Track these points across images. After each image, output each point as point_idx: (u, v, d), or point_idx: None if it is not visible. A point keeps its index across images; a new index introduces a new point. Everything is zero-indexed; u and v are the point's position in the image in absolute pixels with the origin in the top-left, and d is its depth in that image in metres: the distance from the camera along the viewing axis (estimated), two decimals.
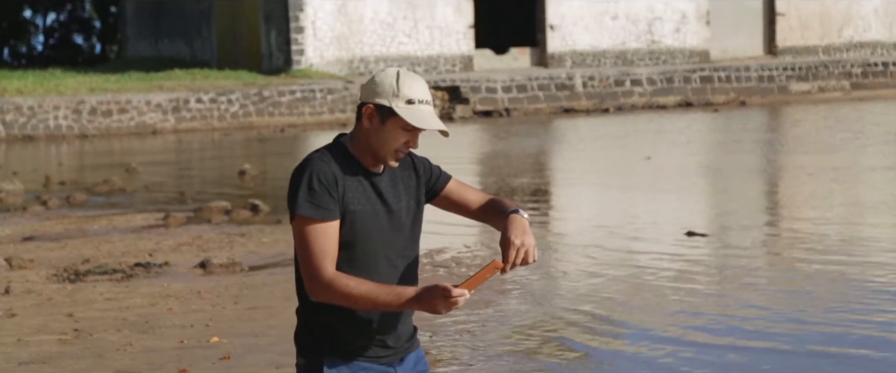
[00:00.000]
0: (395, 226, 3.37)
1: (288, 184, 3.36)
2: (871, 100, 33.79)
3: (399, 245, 3.39)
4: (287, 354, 7.18)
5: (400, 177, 3.43)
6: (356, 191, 3.31)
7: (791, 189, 16.03)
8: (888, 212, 13.30)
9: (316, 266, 3.23)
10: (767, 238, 11.87)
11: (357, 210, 3.30)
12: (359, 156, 3.35)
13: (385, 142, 3.31)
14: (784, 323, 7.75)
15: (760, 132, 25.79)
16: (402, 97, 3.30)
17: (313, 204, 3.24)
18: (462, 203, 3.54)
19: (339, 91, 31.39)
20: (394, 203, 3.38)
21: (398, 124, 3.30)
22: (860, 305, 8.20)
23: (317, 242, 3.24)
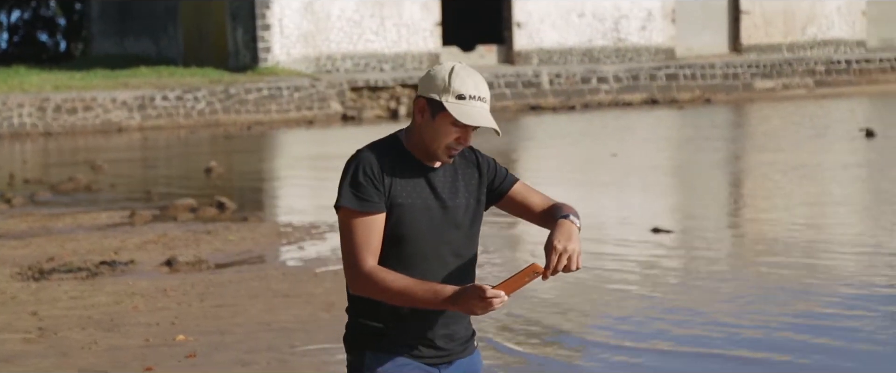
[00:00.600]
0: (450, 222, 3.28)
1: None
2: (835, 97, 34.08)
3: (455, 243, 3.29)
4: (253, 351, 7.20)
5: (460, 173, 3.34)
6: (407, 185, 3.24)
7: (756, 186, 16.16)
8: (852, 209, 13.44)
9: (355, 257, 3.19)
10: (731, 235, 11.97)
11: (406, 204, 3.22)
12: (413, 150, 3.28)
13: (435, 137, 3.23)
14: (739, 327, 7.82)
15: (726, 129, 25.96)
16: (453, 92, 3.21)
17: (356, 196, 3.19)
18: (526, 207, 3.42)
19: (305, 89, 31.34)
20: (449, 199, 3.29)
21: (448, 120, 3.21)
22: (823, 310, 8.29)
23: (357, 234, 3.19)
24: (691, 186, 16.06)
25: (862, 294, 8.47)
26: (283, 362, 6.92)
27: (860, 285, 8.84)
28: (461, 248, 3.31)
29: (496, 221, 11.46)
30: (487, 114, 3.25)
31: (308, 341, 7.41)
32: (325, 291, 8.99)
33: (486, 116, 3.23)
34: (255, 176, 19.19)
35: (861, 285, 8.84)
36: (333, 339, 7.43)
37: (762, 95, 35.24)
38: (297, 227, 12.52)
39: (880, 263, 9.77)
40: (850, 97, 33.76)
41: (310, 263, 10.31)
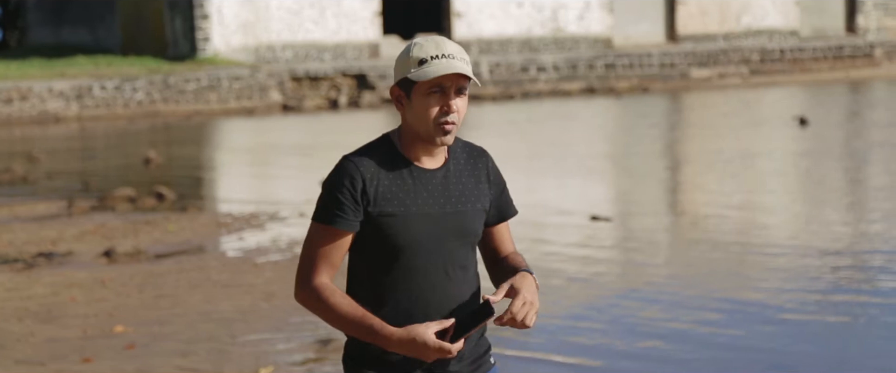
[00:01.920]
0: (453, 231, 2.99)
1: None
2: (769, 85, 34.55)
3: (458, 253, 3.00)
4: (192, 341, 7.22)
5: (466, 175, 3.05)
6: (399, 191, 2.95)
7: (693, 174, 16.38)
8: (786, 197, 13.68)
9: (308, 268, 2.97)
10: (669, 223, 12.15)
11: (398, 213, 2.94)
12: (407, 150, 2.99)
13: (420, 118, 2.93)
14: (674, 316, 7.96)
15: (663, 118, 26.24)
16: (414, 61, 2.92)
17: (327, 210, 2.94)
18: (497, 246, 3.13)
19: (245, 78, 31.20)
20: (451, 204, 3.00)
21: (421, 91, 2.92)
22: (755, 296, 8.46)
23: (317, 246, 2.96)
24: (630, 174, 16.25)
25: (794, 279, 8.66)
26: (222, 353, 6.95)
27: (792, 270, 9.03)
28: (460, 258, 3.01)
29: None
30: (456, 64, 2.91)
31: (248, 331, 7.44)
32: (266, 281, 9.02)
33: (454, 66, 2.90)
34: (195, 166, 19.11)
35: (793, 270, 9.03)
36: (273, 328, 7.48)
37: (698, 83, 35.63)
38: (237, 217, 12.51)
39: (812, 250, 9.98)
40: (784, 86, 34.24)
41: (250, 254, 10.32)
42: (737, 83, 35.70)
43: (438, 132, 2.93)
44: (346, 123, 26.82)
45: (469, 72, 2.92)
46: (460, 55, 2.94)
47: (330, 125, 26.19)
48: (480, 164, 3.07)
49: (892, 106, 27.83)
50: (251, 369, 6.60)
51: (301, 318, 7.69)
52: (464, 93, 2.96)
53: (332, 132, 24.43)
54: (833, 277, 8.83)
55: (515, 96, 33.19)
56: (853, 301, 7.99)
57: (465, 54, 2.96)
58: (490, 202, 3.07)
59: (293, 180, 16.25)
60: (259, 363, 6.68)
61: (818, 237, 10.57)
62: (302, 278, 2.98)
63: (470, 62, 2.97)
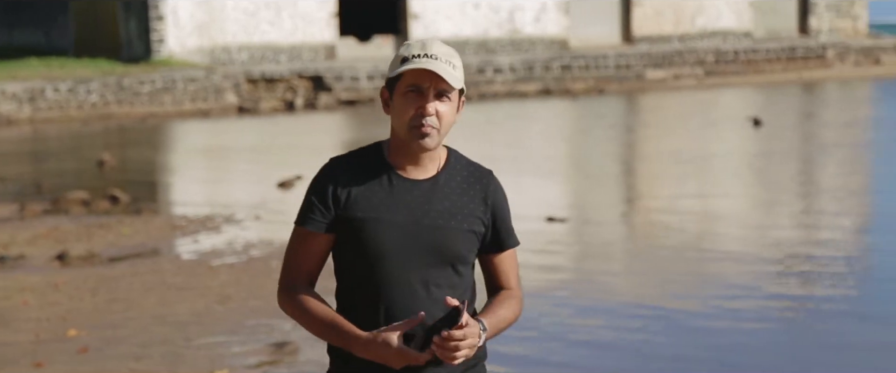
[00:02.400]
0: (426, 246, 2.83)
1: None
2: (723, 86, 34.83)
3: (429, 271, 2.84)
4: (146, 345, 7.17)
5: (458, 193, 2.90)
6: (372, 196, 2.84)
7: (648, 175, 16.48)
8: (740, 197, 13.80)
9: (283, 273, 2.96)
10: (624, 223, 12.22)
11: (368, 218, 2.83)
12: (392, 157, 2.89)
13: (398, 119, 2.83)
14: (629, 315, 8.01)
15: (619, 119, 26.38)
16: (397, 60, 2.84)
17: (301, 211, 2.91)
18: (493, 279, 2.98)
19: (200, 80, 31.03)
20: (430, 218, 2.84)
21: (400, 91, 2.83)
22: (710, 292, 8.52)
23: (291, 248, 2.95)
24: (586, 176, 16.32)
25: (748, 278, 8.74)
26: (177, 356, 6.91)
27: (746, 273, 9.11)
28: (438, 278, 2.84)
29: None
30: (433, 64, 2.79)
31: (203, 334, 7.40)
32: (221, 283, 8.98)
33: (430, 64, 2.78)
34: (150, 169, 18.99)
35: (747, 273, 9.11)
36: (228, 331, 7.45)
37: (654, 85, 35.85)
38: (192, 220, 12.45)
39: (766, 250, 10.08)
40: (738, 87, 34.53)
41: (205, 256, 10.27)
42: (691, 84, 35.96)
43: (414, 135, 2.80)
44: (302, 125, 26.74)
45: (446, 74, 2.78)
46: (446, 57, 2.82)
47: (286, 127, 26.11)
48: (480, 185, 2.92)
49: (844, 107, 28.14)
50: (206, 372, 6.56)
51: (256, 321, 7.67)
52: (446, 97, 2.82)
53: (288, 134, 24.35)
54: (780, 282, 8.91)
55: (472, 97, 33.22)
56: (799, 307, 8.07)
57: (454, 58, 2.84)
58: (484, 227, 2.89)
59: (249, 183, 16.19)
60: (214, 366, 6.65)
61: (769, 242, 10.68)
62: (280, 282, 2.96)
63: (460, 67, 2.84)
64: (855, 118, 24.10)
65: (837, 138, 19.76)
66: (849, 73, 38.67)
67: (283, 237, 11.01)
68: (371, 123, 26.65)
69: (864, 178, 15.56)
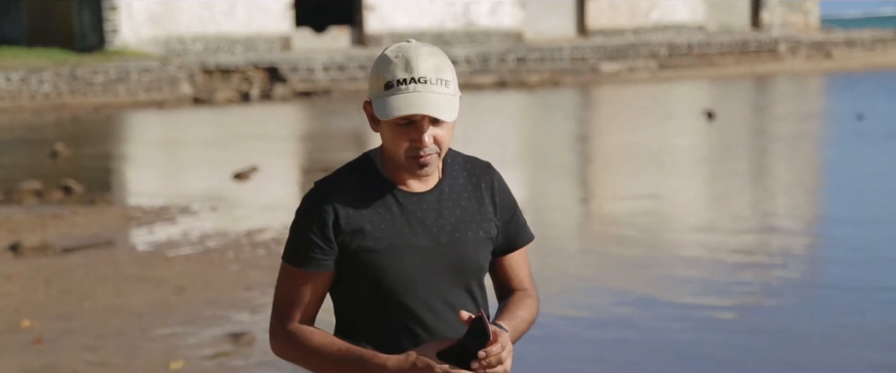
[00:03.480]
0: (450, 267, 2.52)
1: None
2: (677, 80, 35.10)
3: (453, 291, 2.53)
4: (102, 336, 7.16)
5: (466, 197, 2.58)
6: (381, 222, 2.49)
7: (602, 167, 16.60)
8: (693, 190, 13.94)
9: (279, 314, 2.56)
10: (578, 216, 12.31)
11: (380, 248, 2.48)
12: (390, 171, 2.53)
13: (389, 147, 2.47)
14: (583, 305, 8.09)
15: (573, 112, 26.53)
16: (380, 83, 2.44)
17: (296, 250, 2.52)
18: (506, 281, 2.68)
19: (155, 71, 30.84)
20: (446, 234, 2.52)
21: (389, 121, 2.44)
22: (664, 284, 8.62)
23: (285, 289, 2.55)
24: (540, 167, 16.41)
25: (701, 269, 8.86)
26: (132, 347, 6.91)
27: (699, 262, 9.23)
28: (461, 296, 2.55)
29: None
30: (426, 97, 2.41)
31: (158, 325, 7.40)
32: (176, 274, 8.97)
33: (421, 103, 2.40)
34: (104, 159, 18.87)
35: (700, 262, 9.23)
36: (184, 322, 7.45)
37: (608, 78, 36.06)
38: (147, 210, 12.40)
39: (719, 242, 10.21)
40: (692, 80, 34.81)
41: (160, 247, 10.25)
42: (645, 77, 36.21)
43: (412, 166, 2.46)
44: (257, 116, 26.67)
45: (440, 109, 2.40)
46: (437, 75, 2.42)
47: (241, 118, 26.02)
48: (484, 182, 2.60)
49: (796, 100, 28.46)
50: (161, 363, 6.57)
51: (212, 311, 7.68)
52: (443, 122, 2.45)
53: (243, 125, 24.28)
54: (732, 274, 9.04)
55: None
56: (751, 298, 8.20)
57: (444, 71, 2.44)
58: (497, 228, 2.59)
59: (205, 174, 16.14)
60: (169, 358, 6.66)
61: (721, 234, 10.81)
62: (274, 327, 2.57)
63: (453, 77, 2.46)
64: (806, 111, 24.39)
65: (789, 131, 20.00)
66: (800, 66, 39.09)
67: (239, 228, 11.02)
68: (327, 114, 26.64)
69: (815, 170, 15.78)
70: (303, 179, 16.10)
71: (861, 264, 8.84)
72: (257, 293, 8.20)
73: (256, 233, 10.80)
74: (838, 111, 24.10)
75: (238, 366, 6.50)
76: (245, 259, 9.50)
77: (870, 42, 43.08)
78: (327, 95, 31.95)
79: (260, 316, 7.63)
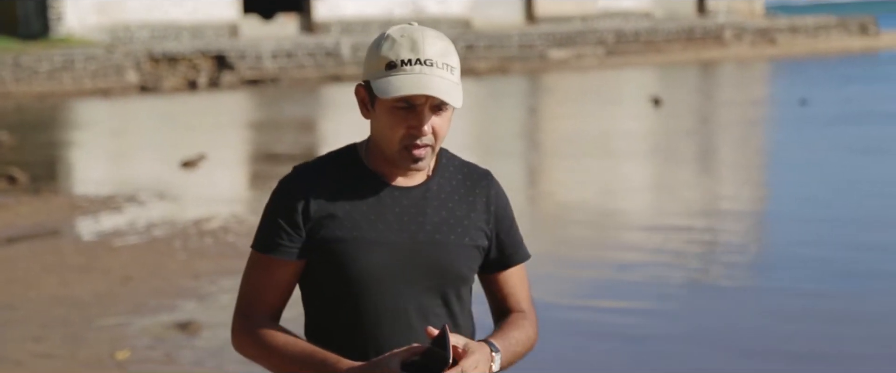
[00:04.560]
0: (424, 267, 2.33)
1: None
2: (624, 66, 35.33)
3: (426, 297, 2.34)
4: (46, 326, 7.14)
5: (458, 200, 2.40)
6: (354, 211, 2.32)
7: (551, 153, 16.71)
8: (641, 175, 14.08)
9: (239, 309, 2.40)
10: (527, 201, 12.40)
11: (349, 238, 2.31)
12: (374, 163, 2.36)
13: (384, 136, 2.30)
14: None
15: (522, 98, 26.64)
16: (381, 62, 2.27)
17: (261, 234, 2.38)
18: (500, 301, 2.48)
19: (100, 58, 30.57)
20: (425, 233, 2.34)
21: (386, 103, 2.26)
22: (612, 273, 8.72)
23: (251, 279, 2.39)
24: (490, 154, 16.50)
25: (645, 254, 8.97)
26: (77, 337, 6.89)
27: (647, 248, 9.35)
28: (436, 305, 2.35)
29: None
30: (432, 80, 2.25)
31: (104, 315, 7.38)
32: (122, 264, 8.94)
33: (428, 84, 2.24)
34: (49, 148, 18.72)
35: (648, 247, 9.34)
36: (131, 312, 7.44)
37: (556, 64, 36.22)
38: (93, 200, 12.34)
39: (665, 225, 10.34)
40: (639, 66, 35.06)
41: (107, 237, 10.21)
42: (593, 64, 36.41)
43: (405, 158, 2.29)
44: (205, 104, 26.53)
45: (446, 92, 2.25)
46: (442, 60, 2.27)
47: (189, 106, 25.88)
48: (480, 189, 2.42)
49: (741, 86, 28.76)
50: (107, 352, 6.57)
51: (158, 301, 7.68)
52: (443, 110, 2.29)
53: (191, 113, 24.15)
54: (678, 256, 9.16)
55: None
56: (696, 279, 8.32)
57: (450, 56, 2.29)
58: (488, 240, 2.40)
59: (151, 162, 16.06)
60: (115, 347, 6.65)
61: (668, 217, 10.94)
62: (236, 321, 2.40)
63: (458, 63, 2.31)
64: (751, 97, 24.67)
65: (734, 117, 20.23)
66: (745, 53, 39.49)
67: (186, 217, 11.00)
68: (276, 101, 26.55)
69: (759, 154, 15.98)
70: (251, 167, 16.08)
71: (804, 248, 9.00)
72: (204, 282, 8.20)
73: (204, 221, 10.78)
74: (782, 97, 24.40)
75: (184, 355, 6.51)
76: (192, 248, 9.49)
77: (813, 28, 43.60)
78: (275, 83, 31.83)
79: (207, 304, 7.64)
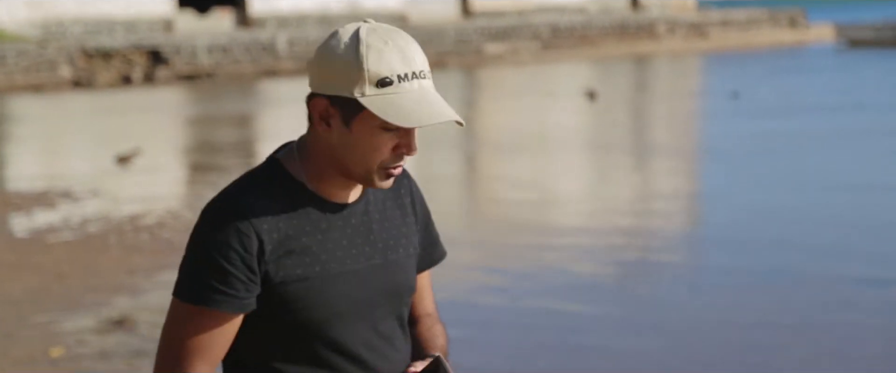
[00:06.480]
0: (384, 292, 2.10)
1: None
2: (559, 60, 35.55)
3: (385, 322, 2.11)
4: None
5: (389, 206, 2.14)
6: (310, 243, 2.02)
7: (487, 147, 16.78)
8: (577, 168, 14.20)
9: (179, 368, 2.00)
10: (463, 197, 12.47)
11: (311, 275, 2.01)
12: (313, 181, 2.04)
13: (360, 155, 1.99)
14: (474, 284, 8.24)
15: (459, 93, 26.72)
16: (371, 78, 1.95)
17: (199, 281, 1.98)
18: (419, 299, 2.25)
19: (32, 54, 30.17)
20: (379, 254, 2.10)
21: (373, 123, 1.96)
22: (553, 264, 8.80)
23: (184, 335, 2.00)
24: (424, 147, 16.53)
25: (582, 250, 9.07)
26: (9, 335, 6.84)
27: (580, 243, 9.44)
28: (396, 327, 2.14)
29: None
30: (438, 99, 2.01)
31: (37, 312, 7.33)
32: (56, 261, 8.87)
33: (438, 105, 2.00)
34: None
35: (582, 243, 9.44)
36: (64, 309, 7.40)
37: (492, 59, 36.35)
38: (25, 196, 12.21)
39: (601, 220, 10.45)
40: (573, 61, 35.30)
41: (40, 233, 10.12)
42: (529, 58, 36.59)
43: (379, 178, 2.01)
44: (140, 99, 26.30)
45: (454, 113, 2.01)
46: (427, 68, 2.02)
47: (124, 102, 25.64)
48: (403, 188, 2.17)
49: (674, 79, 29.07)
50: (41, 350, 6.52)
51: (93, 298, 7.63)
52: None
53: (125, 108, 23.94)
54: (614, 251, 9.27)
55: None
56: (632, 274, 8.43)
57: (426, 61, 2.04)
58: (419, 242, 2.19)
59: (85, 158, 15.91)
60: (48, 345, 6.61)
61: (604, 212, 11.06)
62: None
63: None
64: (684, 90, 24.95)
65: (668, 110, 20.45)
66: (678, 46, 39.92)
67: (121, 212, 10.92)
68: (211, 97, 26.39)
69: (693, 146, 16.19)
70: (187, 162, 15.99)
71: (734, 238, 9.14)
72: (140, 278, 8.17)
73: (139, 217, 10.72)
74: (714, 90, 24.71)
75: (119, 351, 6.49)
76: (128, 244, 9.43)
77: (744, 22, 44.17)
78: (211, 78, 31.63)
79: (142, 300, 7.61)
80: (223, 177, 13.92)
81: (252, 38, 33.59)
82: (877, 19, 43.13)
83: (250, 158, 16.07)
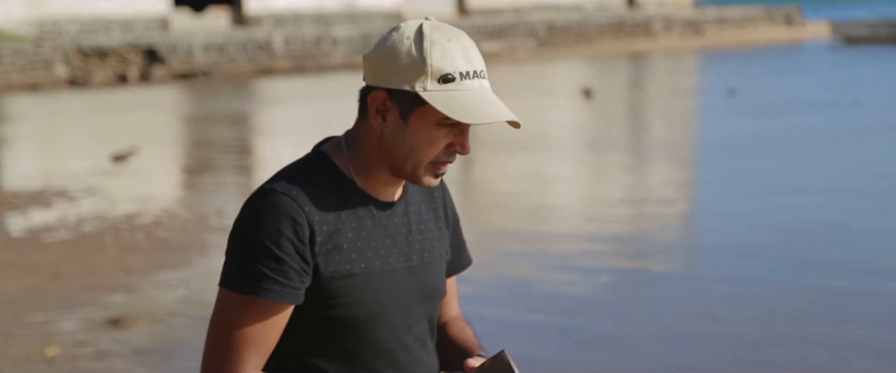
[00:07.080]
0: (420, 294, 2.11)
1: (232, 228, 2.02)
2: (555, 58, 35.56)
3: (421, 324, 2.12)
4: None
5: (424, 211, 2.16)
6: (356, 239, 2.03)
7: (483, 145, 16.80)
8: (573, 167, 14.20)
9: (232, 361, 1.97)
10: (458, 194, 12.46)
11: (359, 272, 2.02)
12: (361, 177, 2.06)
13: (414, 150, 2.00)
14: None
15: None
16: (434, 73, 1.97)
17: (248, 270, 1.95)
18: (447, 301, 2.28)
19: (28, 53, 30.15)
20: (417, 255, 2.11)
21: (432, 119, 1.98)
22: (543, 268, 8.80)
23: (234, 326, 1.97)
24: None
25: (579, 246, 9.07)
26: (6, 334, 6.83)
27: (577, 240, 9.45)
28: (428, 331, 2.15)
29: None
30: (497, 99, 2.04)
31: (33, 311, 7.32)
32: (52, 260, 8.87)
33: (498, 105, 2.02)
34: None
35: (578, 240, 9.44)
36: (60, 308, 7.39)
37: (489, 57, 36.35)
38: (21, 195, 12.20)
39: (597, 218, 10.44)
40: (570, 59, 35.30)
41: (36, 232, 10.11)
42: (525, 56, 36.60)
43: (429, 173, 2.02)
44: (136, 98, 26.28)
45: (516, 118, 2.04)
46: (486, 69, 2.06)
47: (120, 100, 25.63)
48: (437, 194, 2.19)
49: (671, 77, 29.07)
50: (36, 349, 6.52)
51: (89, 297, 7.63)
52: None
53: (121, 107, 23.92)
54: (610, 247, 9.27)
55: (309, 70, 33.14)
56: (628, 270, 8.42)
57: (484, 62, 2.08)
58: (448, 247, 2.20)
59: (82, 157, 15.90)
60: (44, 344, 6.60)
61: (600, 210, 11.06)
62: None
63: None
64: (680, 88, 24.95)
65: (664, 108, 20.46)
66: (674, 44, 39.94)
67: (118, 211, 10.91)
68: (207, 95, 26.38)
69: (689, 143, 16.19)
70: (184, 161, 15.98)
71: (731, 238, 9.15)
72: (136, 277, 8.16)
73: (135, 216, 10.71)
74: (711, 87, 24.72)
75: (116, 351, 6.49)
76: (124, 243, 9.43)
77: (740, 20, 44.19)
78: (207, 77, 31.61)
79: (138, 300, 7.60)
80: (219, 176, 13.91)
81: (248, 37, 33.57)
82: (872, 17, 43.17)
83: (247, 156, 16.07)
